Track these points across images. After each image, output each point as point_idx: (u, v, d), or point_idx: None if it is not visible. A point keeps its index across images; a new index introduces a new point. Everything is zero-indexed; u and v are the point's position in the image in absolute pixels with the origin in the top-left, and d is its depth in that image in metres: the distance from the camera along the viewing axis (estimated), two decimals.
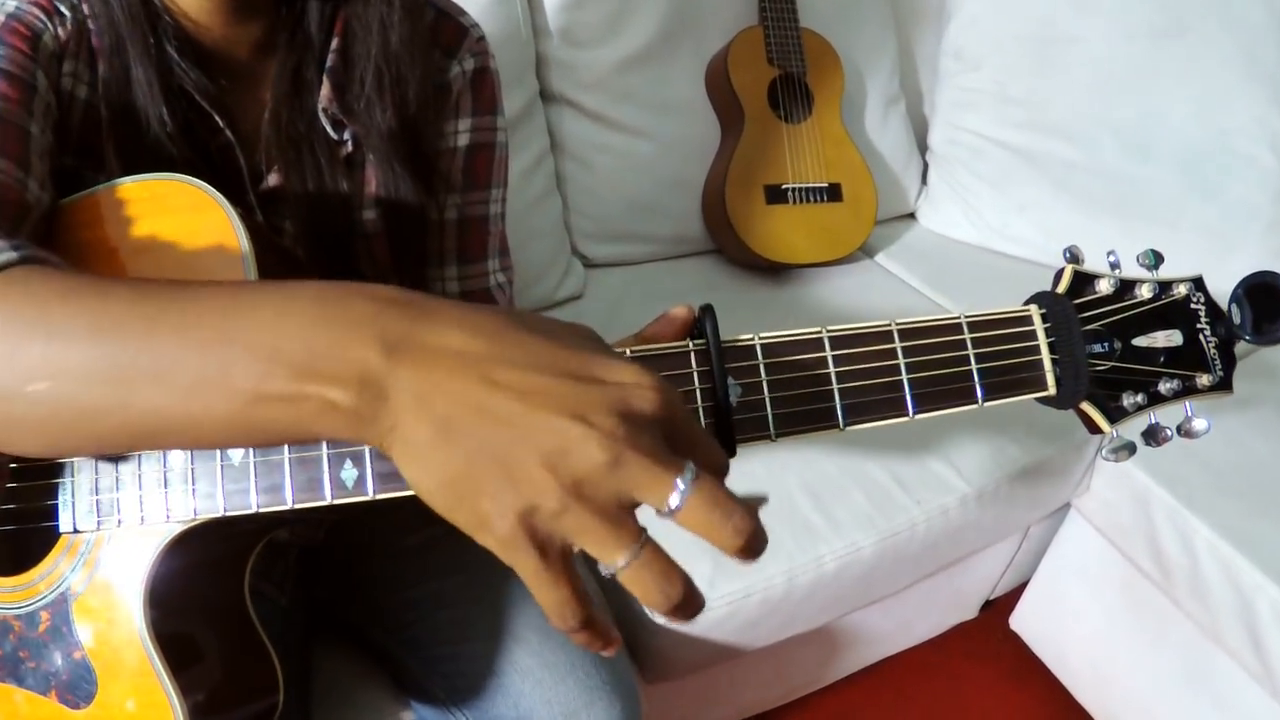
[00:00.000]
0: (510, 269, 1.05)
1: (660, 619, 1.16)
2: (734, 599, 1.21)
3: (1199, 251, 1.84)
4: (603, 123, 1.73)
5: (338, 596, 1.08)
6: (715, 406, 0.57)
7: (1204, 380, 0.63)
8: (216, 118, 0.81)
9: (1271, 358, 1.80)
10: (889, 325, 0.59)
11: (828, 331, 0.59)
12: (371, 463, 0.58)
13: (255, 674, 0.78)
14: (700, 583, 1.18)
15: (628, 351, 0.57)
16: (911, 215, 2.13)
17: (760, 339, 0.58)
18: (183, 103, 0.79)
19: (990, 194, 1.99)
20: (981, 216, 2.01)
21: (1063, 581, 1.78)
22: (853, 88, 1.89)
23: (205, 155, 0.82)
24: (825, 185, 1.78)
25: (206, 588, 0.73)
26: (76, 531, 0.66)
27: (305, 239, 0.86)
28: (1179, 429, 0.63)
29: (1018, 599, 1.87)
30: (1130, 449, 0.62)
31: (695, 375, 0.57)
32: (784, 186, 1.74)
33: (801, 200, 1.76)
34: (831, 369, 0.58)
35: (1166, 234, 1.86)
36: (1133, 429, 0.62)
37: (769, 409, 0.57)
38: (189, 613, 0.70)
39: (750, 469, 1.34)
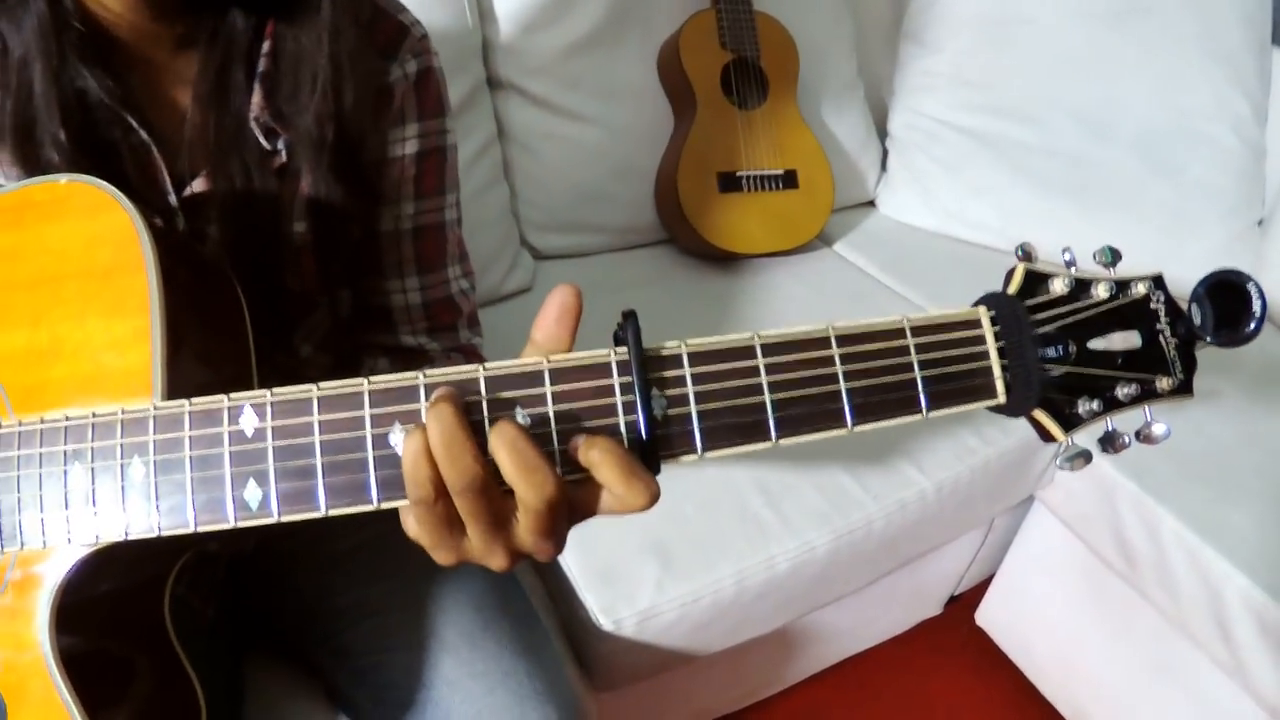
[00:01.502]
0: (471, 274, 1.03)
1: (607, 625, 1.13)
2: (683, 602, 1.17)
3: (1160, 233, 1.84)
4: (551, 109, 1.69)
5: (268, 607, 1.05)
6: (636, 421, 0.53)
7: (1164, 384, 0.59)
8: (129, 117, 0.77)
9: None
10: (826, 330, 0.54)
11: (760, 338, 0.54)
12: (276, 482, 0.55)
13: (175, 697, 0.74)
14: (647, 586, 1.16)
15: (545, 361, 0.53)
16: (871, 203, 2.12)
17: (687, 346, 0.54)
18: (86, 109, 0.76)
19: (948, 179, 1.98)
20: (939, 201, 1.99)
21: (1028, 575, 1.77)
22: (810, 73, 1.86)
23: (115, 160, 0.79)
24: (780, 172, 1.75)
25: (121, 610, 0.70)
26: None
27: (230, 247, 0.83)
28: (1138, 434, 0.59)
29: (983, 594, 1.86)
30: (1086, 457, 0.58)
31: (617, 387, 0.53)
32: (738, 174, 1.71)
33: (756, 188, 1.72)
34: (763, 378, 0.54)
35: (1126, 216, 1.86)
36: (1089, 435, 0.58)
37: (695, 423, 0.53)
38: (102, 637, 0.67)
39: (699, 466, 1.30)
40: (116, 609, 0.69)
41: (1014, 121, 1.92)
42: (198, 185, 0.81)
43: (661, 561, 1.19)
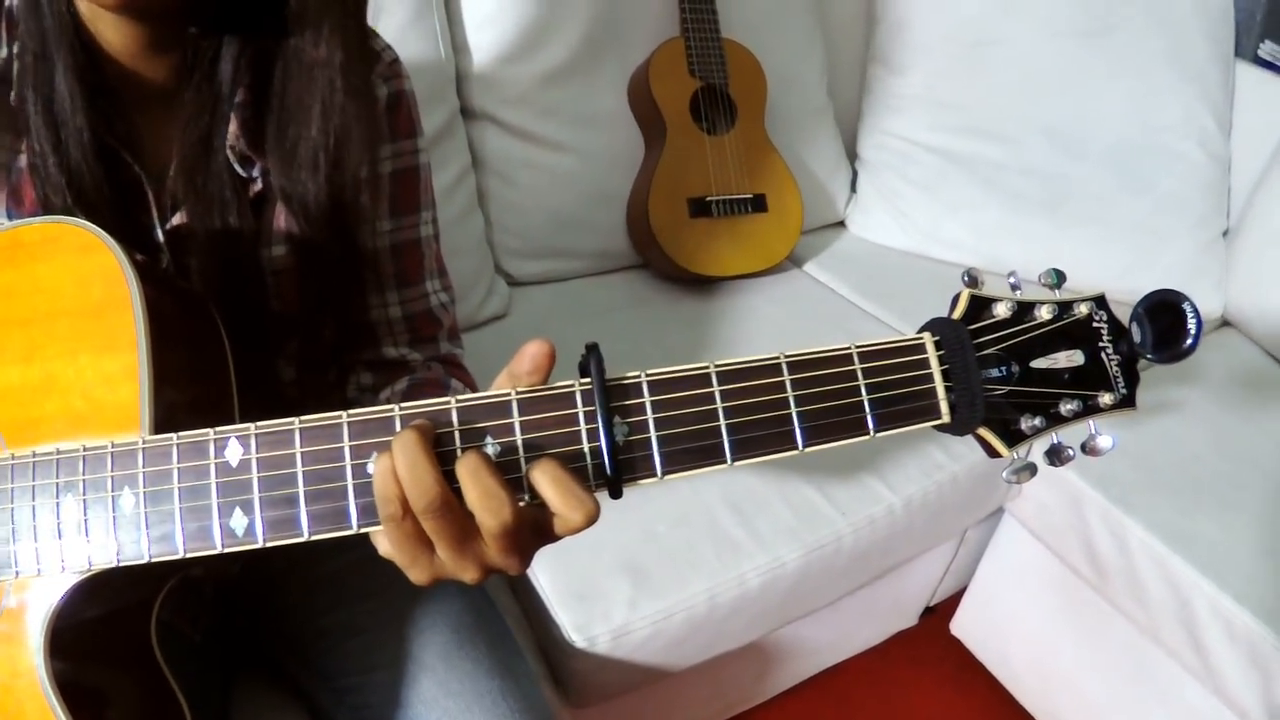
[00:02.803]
0: (450, 288, 1.05)
1: (581, 642, 1.15)
2: (656, 619, 1.19)
3: (1131, 247, 1.88)
4: (525, 138, 1.71)
5: (254, 630, 1.06)
6: (599, 447, 0.56)
7: (1106, 399, 0.62)
8: (125, 153, 0.79)
9: (1202, 355, 1.81)
10: (778, 358, 0.58)
11: (715, 366, 0.57)
12: (261, 510, 0.58)
13: (163, 718, 0.76)
14: (620, 603, 1.18)
15: (513, 393, 0.57)
16: (841, 223, 2.14)
17: (646, 376, 0.57)
18: (103, 125, 0.77)
19: (921, 198, 2.00)
20: (913, 221, 2.01)
21: (1001, 586, 1.78)
22: (779, 97, 1.89)
23: (115, 186, 0.80)
24: (749, 196, 1.78)
25: (111, 634, 0.72)
26: None
27: (210, 277, 0.84)
28: (1083, 447, 0.62)
29: (957, 604, 1.88)
30: (1031, 470, 0.61)
31: (581, 415, 0.57)
32: (708, 199, 1.73)
33: (726, 212, 1.75)
34: (719, 404, 0.57)
35: (1098, 230, 1.89)
36: (1036, 449, 0.62)
37: (655, 448, 0.57)
38: (94, 661, 0.69)
39: (671, 485, 1.32)
40: (106, 634, 0.70)
41: (986, 140, 1.94)
42: (178, 218, 0.82)
43: (634, 579, 1.21)
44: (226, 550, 0.59)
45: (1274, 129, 1.88)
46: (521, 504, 0.56)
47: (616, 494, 0.57)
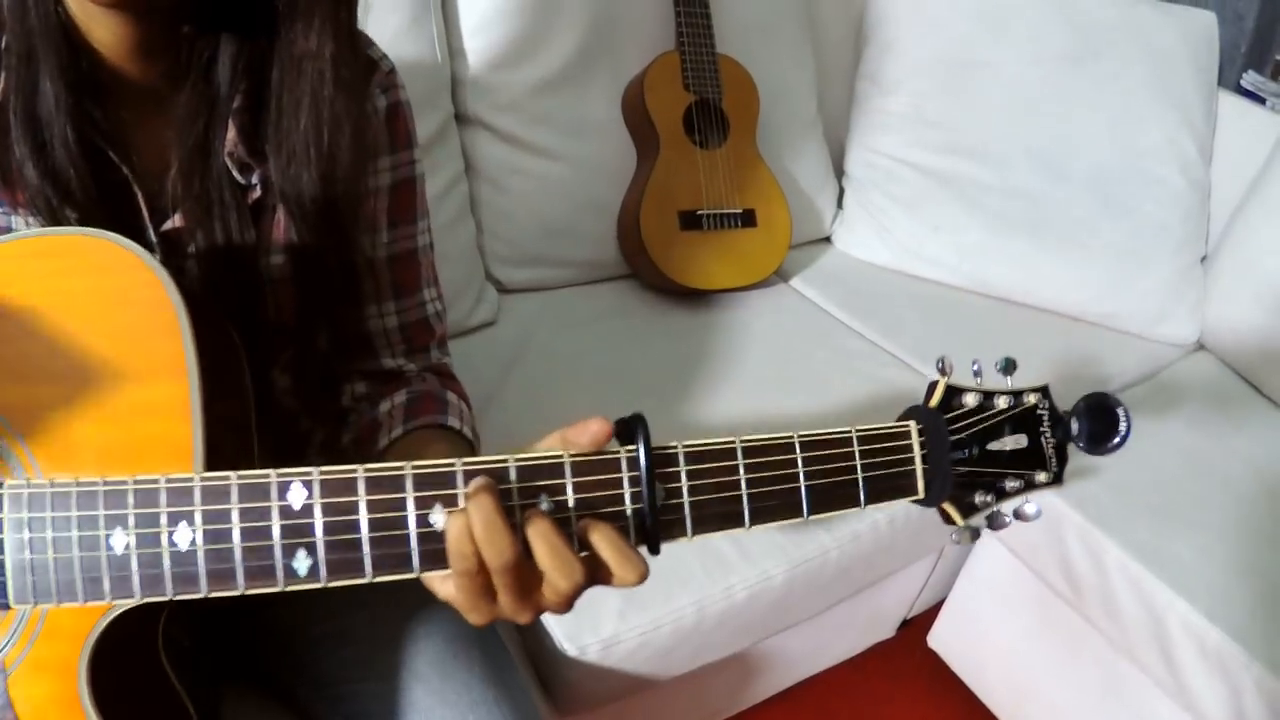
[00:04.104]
0: (443, 296, 1.06)
1: (572, 651, 1.17)
2: (644, 630, 1.20)
3: (1111, 270, 1.90)
4: (518, 145, 1.72)
5: (246, 638, 1.05)
6: (642, 510, 0.63)
7: (1040, 477, 0.73)
8: (113, 155, 0.78)
9: (1178, 378, 1.85)
10: (792, 439, 0.66)
11: (741, 442, 0.65)
12: (325, 553, 0.60)
13: None
14: (610, 615, 1.19)
15: (566, 456, 0.62)
16: (827, 239, 2.15)
17: (684, 448, 0.64)
18: (89, 127, 0.76)
19: (904, 216, 2.02)
20: (895, 239, 2.03)
21: (978, 600, 1.80)
22: (770, 113, 1.90)
23: (103, 188, 0.79)
24: (739, 211, 1.79)
25: (130, 650, 0.72)
26: (7, 609, 0.65)
27: (208, 282, 0.84)
28: (1015, 513, 0.72)
29: (935, 617, 1.89)
30: (975, 534, 0.71)
31: (625, 480, 0.63)
32: (698, 212, 1.75)
33: (716, 226, 1.76)
34: (743, 475, 0.65)
35: (1079, 253, 1.91)
36: (978, 517, 0.71)
37: (688, 511, 0.64)
38: (119, 678, 0.69)
39: None
40: (127, 649, 0.70)
41: (971, 160, 1.96)
42: (173, 222, 0.81)
43: (624, 591, 1.21)
44: (288, 589, 0.61)
45: (1254, 157, 1.91)
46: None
47: (655, 551, 0.64)
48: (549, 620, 1.19)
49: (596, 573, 0.63)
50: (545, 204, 1.76)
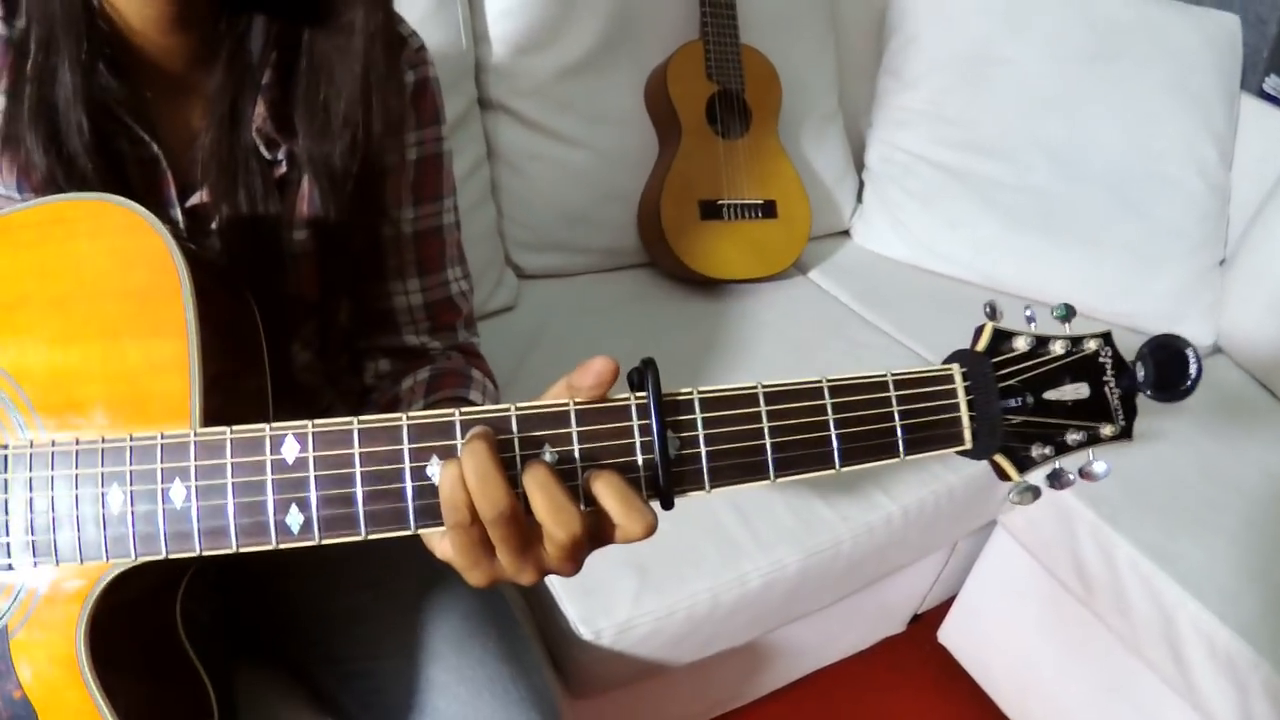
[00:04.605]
0: (469, 276, 1.05)
1: (587, 635, 1.17)
2: (658, 616, 1.21)
3: (1125, 270, 1.90)
4: (540, 131, 1.72)
5: (259, 613, 1.06)
6: (653, 460, 0.58)
7: (1107, 430, 0.66)
8: (141, 132, 0.79)
9: None
10: (820, 382, 0.61)
11: (762, 387, 0.60)
12: (318, 508, 0.59)
13: (190, 700, 0.77)
14: (625, 599, 1.19)
15: (571, 404, 0.59)
16: (846, 232, 2.15)
17: (699, 394, 0.59)
18: (106, 113, 0.76)
19: (921, 211, 2.02)
20: (912, 233, 2.03)
21: (989, 596, 1.81)
22: (791, 104, 1.90)
23: (120, 168, 0.79)
24: (760, 202, 1.79)
25: (143, 619, 0.72)
26: (10, 569, 0.65)
27: (232, 256, 0.85)
28: (1081, 472, 0.65)
29: (945, 613, 1.90)
30: (1035, 493, 0.65)
31: (636, 428, 0.59)
32: (719, 202, 1.75)
33: (736, 216, 1.77)
34: (765, 424, 0.60)
35: (1094, 252, 1.91)
36: (1038, 473, 0.65)
37: (704, 462, 0.59)
38: (128, 646, 0.69)
39: None
40: (138, 619, 0.70)
41: (987, 158, 1.96)
42: (198, 198, 0.82)
43: (639, 576, 1.23)
44: (281, 546, 0.59)
45: (1275, 162, 1.91)
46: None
47: (668, 505, 0.59)
48: (564, 603, 1.19)
49: (601, 527, 0.59)
50: (565, 191, 1.76)
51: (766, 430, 0.60)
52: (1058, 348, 0.65)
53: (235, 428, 0.60)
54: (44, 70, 0.73)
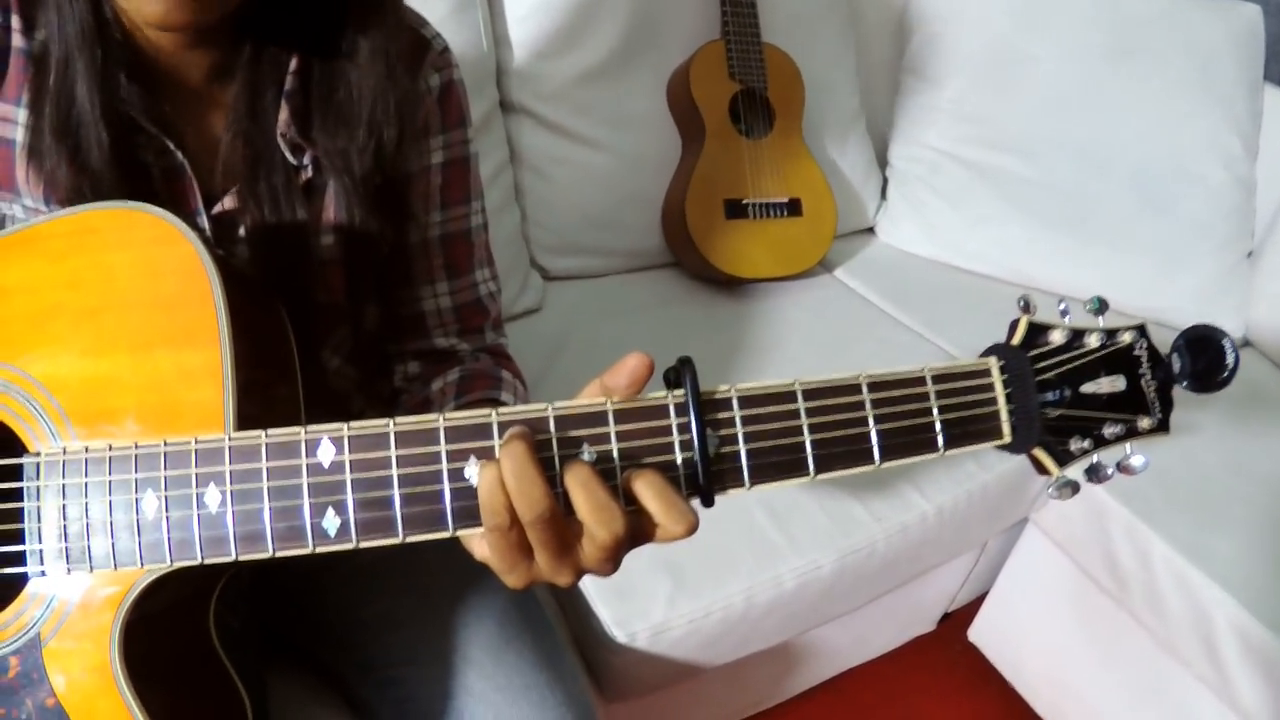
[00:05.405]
0: (497, 277, 1.06)
1: (622, 638, 1.16)
2: (693, 618, 1.21)
3: (1152, 267, 1.88)
4: (562, 134, 1.72)
5: (292, 618, 1.06)
6: (692, 459, 0.58)
7: (1144, 423, 0.66)
8: (165, 140, 0.79)
9: None
10: (858, 378, 0.60)
11: (800, 384, 0.59)
12: (355, 512, 0.58)
13: (225, 708, 0.76)
14: (660, 601, 1.19)
15: (609, 403, 0.58)
16: (870, 230, 2.15)
17: (737, 391, 0.59)
18: (126, 124, 0.77)
19: (947, 210, 2.01)
20: (938, 232, 2.02)
21: (1020, 594, 1.80)
22: (814, 103, 1.89)
23: (145, 179, 0.80)
24: (785, 200, 1.79)
25: (177, 626, 0.71)
26: (44, 576, 0.64)
27: (259, 263, 0.85)
28: (1119, 465, 0.65)
29: (976, 611, 1.89)
30: (1074, 487, 0.64)
31: (674, 427, 0.58)
32: (744, 201, 1.74)
33: (761, 215, 1.76)
34: (804, 420, 0.59)
35: (1120, 249, 1.90)
36: (1076, 467, 0.65)
37: (744, 460, 0.59)
38: (162, 653, 0.69)
39: None
40: (172, 626, 0.70)
41: (1012, 155, 1.95)
42: (227, 203, 0.82)
43: (674, 578, 1.22)
44: (319, 550, 0.59)
45: None
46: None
47: (709, 503, 0.58)
48: (598, 606, 1.19)
49: (641, 527, 0.58)
50: (589, 193, 1.76)
51: (805, 427, 0.59)
52: (1093, 340, 0.65)
53: (270, 431, 0.59)
54: (63, 85, 0.74)
